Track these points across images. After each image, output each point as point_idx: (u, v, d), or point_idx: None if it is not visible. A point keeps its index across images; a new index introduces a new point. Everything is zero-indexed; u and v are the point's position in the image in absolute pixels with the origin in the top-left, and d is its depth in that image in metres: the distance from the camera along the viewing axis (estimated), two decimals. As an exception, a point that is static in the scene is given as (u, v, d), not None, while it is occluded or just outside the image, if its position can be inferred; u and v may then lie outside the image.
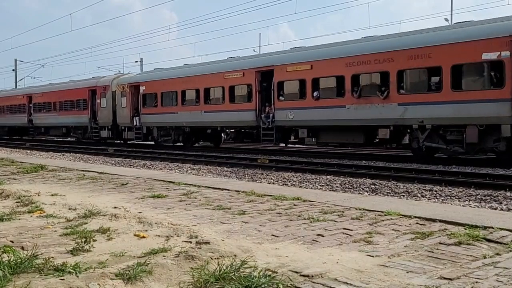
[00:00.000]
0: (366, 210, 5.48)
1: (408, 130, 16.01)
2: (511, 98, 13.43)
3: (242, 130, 23.23)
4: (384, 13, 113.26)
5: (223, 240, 4.00)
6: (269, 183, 11.55)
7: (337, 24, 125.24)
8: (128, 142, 29.41)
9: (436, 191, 9.77)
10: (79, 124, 31.86)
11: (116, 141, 30.47)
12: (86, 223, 4.81)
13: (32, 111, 36.84)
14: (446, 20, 35.95)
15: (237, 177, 13.01)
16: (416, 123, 15.43)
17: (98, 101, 29.79)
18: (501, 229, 4.37)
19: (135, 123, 27.10)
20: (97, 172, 10.37)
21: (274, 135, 19.69)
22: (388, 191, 10.02)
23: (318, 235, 4.33)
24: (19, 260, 3.27)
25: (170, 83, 25.15)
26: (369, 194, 9.65)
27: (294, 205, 5.93)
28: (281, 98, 19.52)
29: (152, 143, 27.44)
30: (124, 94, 28.04)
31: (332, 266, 3.36)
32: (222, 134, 25.96)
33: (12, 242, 4.07)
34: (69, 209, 5.69)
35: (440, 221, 4.81)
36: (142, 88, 26.81)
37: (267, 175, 13.10)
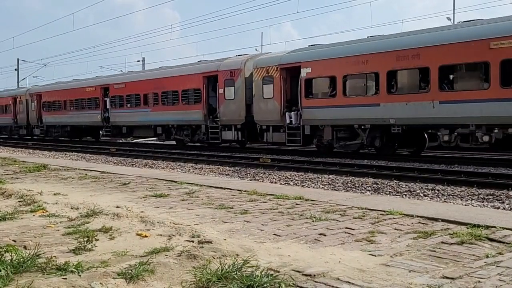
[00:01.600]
0: (368, 209, 5.48)
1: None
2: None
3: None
4: (388, 12, 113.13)
5: (225, 239, 4.01)
6: (271, 183, 11.55)
7: (340, 23, 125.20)
8: (272, 145, 21.56)
9: (438, 190, 9.75)
10: (187, 122, 24.02)
11: (249, 145, 22.97)
12: (88, 222, 4.81)
13: (108, 106, 28.94)
14: (449, 19, 35.89)
15: (239, 176, 13.01)
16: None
17: (221, 91, 21.92)
18: (504, 228, 4.37)
19: (288, 120, 19.10)
20: (99, 171, 10.38)
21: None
22: (390, 191, 10.01)
23: (320, 234, 4.33)
24: (21, 259, 3.27)
25: (366, 60, 16.62)
26: (371, 194, 9.64)
27: (296, 204, 5.93)
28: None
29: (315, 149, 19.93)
30: (268, 80, 19.88)
31: (334, 266, 3.36)
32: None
33: (14, 241, 4.08)
34: (72, 208, 5.70)
35: (443, 220, 4.80)
36: (305, 71, 18.48)
37: (269, 174, 13.10)
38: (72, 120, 32.85)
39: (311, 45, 20.37)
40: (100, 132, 32.87)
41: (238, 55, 23.32)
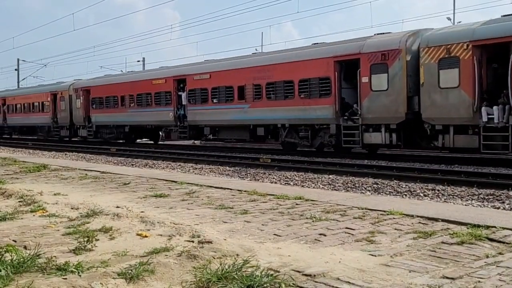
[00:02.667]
0: (368, 209, 5.47)
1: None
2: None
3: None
4: (388, 12, 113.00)
5: (225, 240, 4.01)
6: (271, 183, 11.55)
7: (341, 23, 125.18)
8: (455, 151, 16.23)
9: (438, 190, 9.75)
10: (306, 121, 18.78)
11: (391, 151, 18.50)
12: (88, 223, 4.81)
13: (184, 102, 23.91)
14: (449, 19, 35.89)
15: (239, 176, 13.01)
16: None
17: (365, 79, 16.48)
18: (504, 228, 4.37)
19: (485, 118, 13.89)
20: (100, 171, 10.38)
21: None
22: (390, 191, 10.01)
23: (321, 234, 4.33)
24: (21, 260, 3.27)
25: None
26: (371, 194, 9.64)
27: (297, 204, 5.93)
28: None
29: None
30: (451, 62, 14.41)
31: (334, 266, 3.36)
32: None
33: (14, 241, 4.08)
34: (72, 208, 5.70)
35: (443, 220, 4.80)
36: None
37: (269, 174, 13.10)
38: (132, 120, 27.05)
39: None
40: (160, 134, 28.80)
41: (387, 33, 17.38)
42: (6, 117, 40.59)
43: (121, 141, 28.95)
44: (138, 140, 29.59)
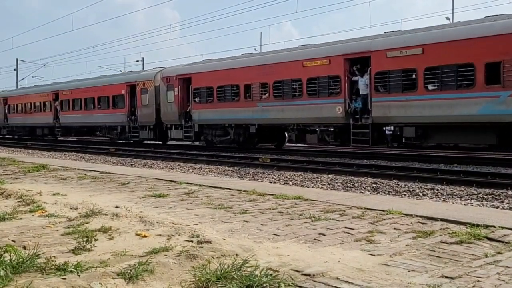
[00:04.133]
0: (367, 209, 5.48)
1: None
2: None
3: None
4: (387, 11, 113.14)
5: (224, 239, 4.01)
6: (271, 182, 11.55)
7: (340, 23, 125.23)
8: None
9: (437, 190, 9.76)
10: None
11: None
12: (87, 223, 4.81)
13: (363, 91, 16.65)
14: (448, 18, 35.86)
15: (239, 176, 13.01)
16: None
17: None
18: (503, 227, 4.37)
19: None
20: (99, 171, 10.38)
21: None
22: (389, 190, 10.01)
23: (320, 234, 4.33)
24: (20, 260, 3.27)
25: None
26: (370, 193, 9.65)
27: (296, 204, 5.93)
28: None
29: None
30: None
31: (333, 265, 3.36)
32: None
33: (13, 241, 4.08)
34: (71, 208, 5.69)
35: (442, 220, 4.81)
36: None
37: (269, 174, 13.10)
38: (263, 116, 19.83)
39: None
40: (286, 134, 21.30)
41: None
42: (59, 116, 33.23)
43: (233, 145, 21.79)
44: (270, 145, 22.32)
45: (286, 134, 21.33)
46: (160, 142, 26.80)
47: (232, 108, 21.20)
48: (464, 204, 8.03)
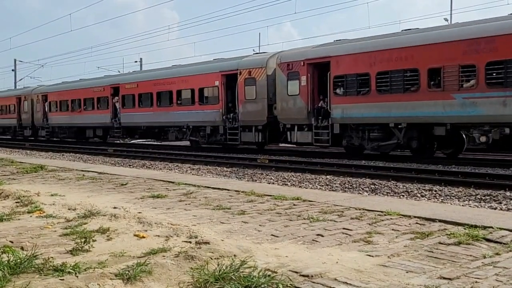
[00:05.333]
0: (365, 210, 5.48)
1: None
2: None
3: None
4: (387, 12, 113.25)
5: (222, 240, 4.00)
6: (269, 183, 11.55)
7: (341, 23, 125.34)
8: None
9: (435, 191, 9.77)
10: None
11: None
12: (85, 223, 4.81)
13: None
14: (446, 20, 35.93)
15: (237, 177, 13.01)
16: None
17: None
18: (501, 228, 4.37)
19: None
20: (97, 172, 10.36)
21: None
22: (387, 191, 10.02)
23: (318, 235, 4.33)
24: (18, 260, 3.27)
25: None
26: (368, 194, 9.65)
27: (294, 205, 5.93)
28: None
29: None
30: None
31: (331, 266, 3.36)
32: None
33: (11, 242, 4.07)
34: (69, 209, 5.69)
35: (440, 221, 4.81)
36: None
37: (267, 175, 13.10)
38: (475, 113, 14.17)
39: None
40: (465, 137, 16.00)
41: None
42: (119, 114, 27.42)
43: (398, 151, 17.87)
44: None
45: (466, 136, 15.93)
46: (255, 147, 21.55)
47: (404, 102, 15.68)
48: (462, 205, 8.04)
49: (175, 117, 23.92)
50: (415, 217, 5.01)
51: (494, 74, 13.80)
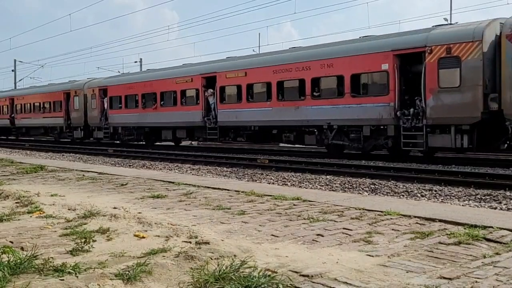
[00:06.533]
0: (365, 210, 5.48)
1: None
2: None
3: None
4: (387, 12, 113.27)
5: (222, 240, 4.00)
6: (269, 183, 11.55)
7: (340, 24, 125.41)
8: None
9: (435, 190, 9.77)
10: None
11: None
12: (85, 224, 4.81)
13: None
14: (446, 19, 35.91)
15: (237, 177, 13.01)
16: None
17: None
18: (501, 228, 4.37)
19: None
20: (97, 172, 10.36)
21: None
22: (387, 191, 10.02)
23: (318, 235, 4.33)
24: (18, 261, 3.27)
25: None
26: (368, 194, 9.65)
27: (294, 205, 5.93)
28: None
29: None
30: None
31: (331, 266, 3.36)
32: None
33: (11, 242, 4.07)
34: (69, 209, 5.69)
35: (440, 220, 4.81)
36: None
37: (267, 175, 13.10)
38: None
39: None
40: None
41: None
42: (215, 111, 21.77)
43: None
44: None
45: None
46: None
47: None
48: (462, 205, 8.04)
49: (310, 114, 18.05)
50: (415, 217, 5.01)
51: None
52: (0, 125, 40.94)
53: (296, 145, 21.13)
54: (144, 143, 26.83)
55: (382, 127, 16.25)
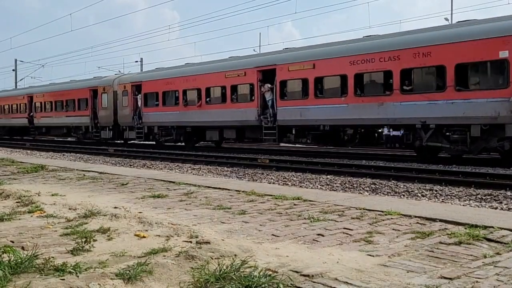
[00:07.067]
0: (366, 209, 5.48)
1: None
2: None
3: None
4: (388, 12, 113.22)
5: (223, 240, 4.00)
6: (270, 183, 11.55)
7: (341, 23, 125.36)
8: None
9: (436, 190, 9.77)
10: None
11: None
12: (86, 223, 4.81)
13: None
14: (446, 19, 35.89)
15: (238, 177, 13.01)
16: None
17: None
18: (502, 228, 4.37)
19: None
20: (97, 172, 10.36)
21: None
22: (388, 191, 10.02)
23: (319, 234, 4.33)
24: (19, 260, 3.27)
25: None
26: (369, 194, 9.65)
27: (295, 204, 5.93)
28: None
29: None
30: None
31: (332, 266, 3.36)
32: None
33: (12, 242, 4.07)
34: (69, 209, 5.69)
35: (441, 220, 4.81)
36: None
37: (268, 174, 13.10)
38: None
39: None
40: None
41: None
42: (273, 108, 19.59)
43: None
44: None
45: None
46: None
47: None
48: (463, 205, 8.04)
49: (399, 111, 15.74)
50: (415, 216, 5.01)
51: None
52: (17, 124, 38.47)
53: (329, 146, 19.55)
54: (183, 144, 24.75)
55: (497, 126, 13.75)
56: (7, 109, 39.89)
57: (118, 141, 29.01)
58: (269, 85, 19.49)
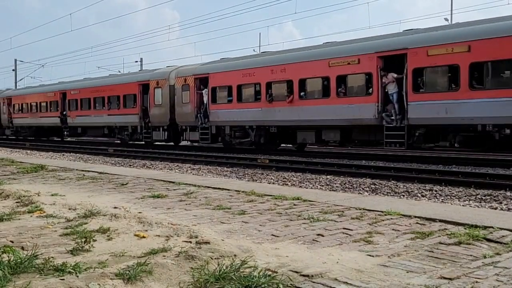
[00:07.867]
0: (366, 210, 5.48)
1: None
2: None
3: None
4: (388, 12, 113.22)
5: (223, 240, 4.00)
6: (269, 183, 11.55)
7: (342, 23, 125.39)
8: None
9: (436, 191, 9.77)
10: None
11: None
12: (86, 223, 4.81)
13: None
14: (446, 20, 35.87)
15: (237, 177, 13.01)
16: None
17: None
18: (501, 228, 4.37)
19: None
20: (97, 172, 10.36)
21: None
22: (388, 191, 10.02)
23: (318, 235, 4.33)
24: (19, 260, 3.27)
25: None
26: (369, 194, 9.65)
27: (294, 205, 5.93)
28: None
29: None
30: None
31: (332, 266, 3.36)
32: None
33: (12, 242, 4.07)
34: (69, 209, 5.69)
35: (440, 220, 4.81)
36: None
37: (267, 175, 13.10)
38: None
39: None
40: None
41: None
42: (406, 106, 15.11)
43: None
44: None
45: None
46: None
47: None
48: (463, 205, 8.04)
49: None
50: (415, 217, 5.01)
51: None
52: (47, 124, 34.27)
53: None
54: (262, 147, 20.33)
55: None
56: (34, 107, 35.49)
57: (172, 143, 25.50)
58: (394, 75, 15.58)
